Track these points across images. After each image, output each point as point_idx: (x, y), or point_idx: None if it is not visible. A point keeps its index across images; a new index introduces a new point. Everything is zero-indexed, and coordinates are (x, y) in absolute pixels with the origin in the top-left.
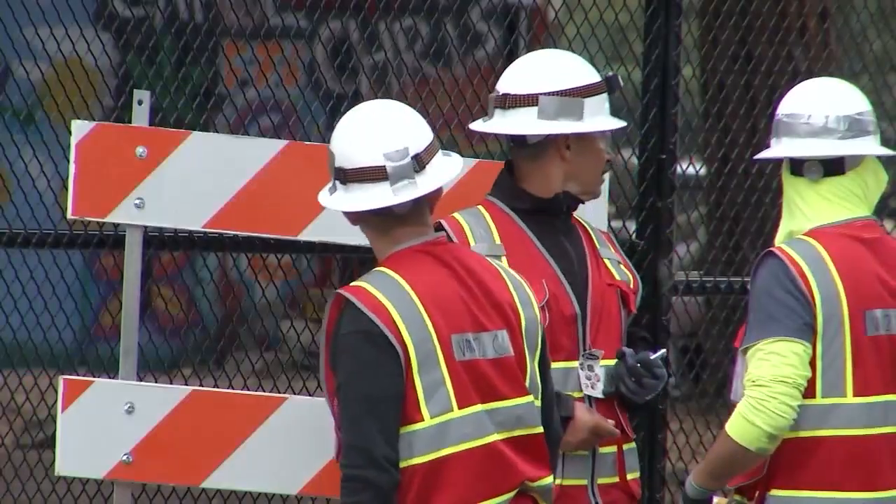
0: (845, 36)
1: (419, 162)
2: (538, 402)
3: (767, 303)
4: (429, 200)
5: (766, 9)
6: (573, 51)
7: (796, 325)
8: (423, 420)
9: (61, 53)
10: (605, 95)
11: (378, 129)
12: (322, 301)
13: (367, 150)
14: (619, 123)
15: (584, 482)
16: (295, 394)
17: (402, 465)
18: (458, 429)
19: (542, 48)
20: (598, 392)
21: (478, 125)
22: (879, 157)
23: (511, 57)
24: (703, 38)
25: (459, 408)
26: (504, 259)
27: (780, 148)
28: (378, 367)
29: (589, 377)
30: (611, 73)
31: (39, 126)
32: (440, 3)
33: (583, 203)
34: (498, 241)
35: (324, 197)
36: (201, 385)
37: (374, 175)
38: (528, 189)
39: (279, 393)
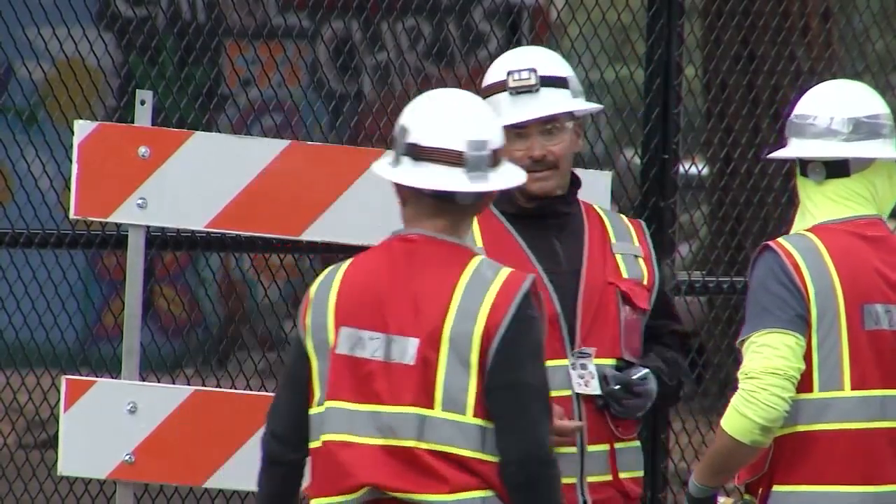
0: (848, 36)
1: (495, 158)
2: (458, 418)
3: (761, 296)
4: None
5: (768, 9)
6: (575, 50)
7: (788, 316)
8: (311, 405)
9: (64, 53)
10: (506, 94)
11: (465, 116)
12: None
13: (450, 132)
14: (516, 119)
15: (574, 480)
16: None
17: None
18: (320, 421)
19: (544, 48)
20: (592, 389)
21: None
22: None
23: None
24: (705, 37)
25: (326, 399)
26: None
27: (788, 149)
28: (294, 346)
29: (582, 375)
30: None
31: (42, 126)
32: (442, 2)
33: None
34: (480, 242)
35: (384, 169)
36: (204, 385)
37: (451, 158)
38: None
39: None
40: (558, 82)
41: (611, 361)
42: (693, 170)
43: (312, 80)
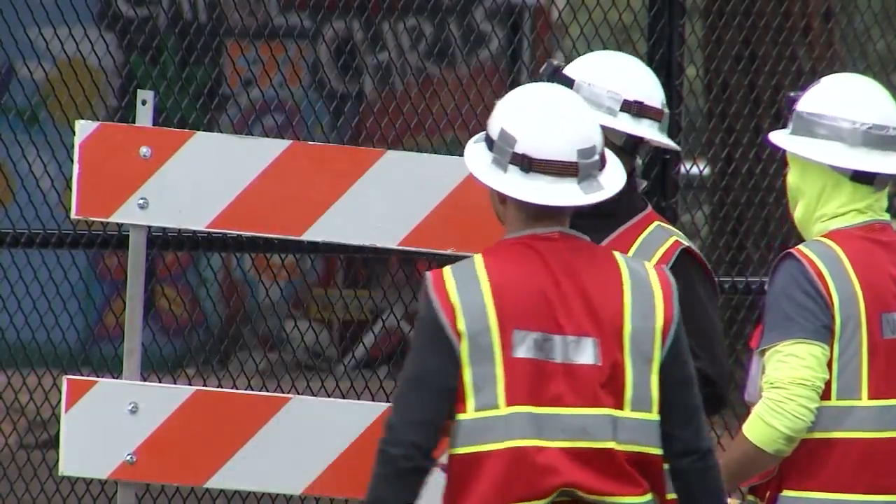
0: (849, 35)
1: (602, 161)
2: (645, 416)
3: (786, 304)
4: None
5: (769, 9)
6: (576, 51)
7: (814, 327)
8: (465, 412)
9: (65, 53)
10: None
11: (572, 121)
12: (326, 301)
13: (561, 143)
14: None
15: None
16: (299, 394)
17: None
18: (497, 426)
19: (546, 48)
20: None
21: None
22: None
23: (514, 57)
24: (706, 38)
25: (507, 405)
26: None
27: (874, 161)
28: (430, 354)
29: None
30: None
31: (43, 126)
32: (444, 2)
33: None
34: None
35: (490, 176)
36: (205, 385)
37: (564, 170)
38: None
39: (283, 393)
40: (566, 82)
41: None
42: (694, 170)
43: (313, 80)
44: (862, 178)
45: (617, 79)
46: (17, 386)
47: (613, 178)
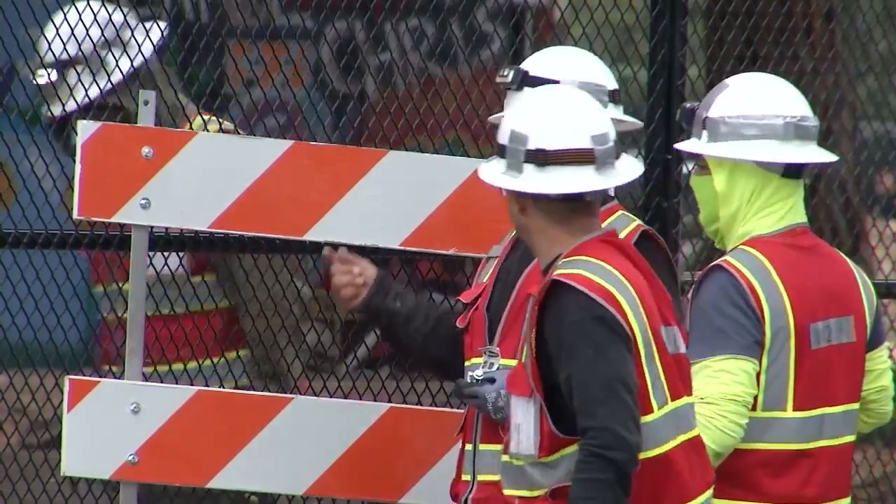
0: (851, 36)
1: (616, 150)
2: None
3: (717, 318)
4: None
5: (771, 9)
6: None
7: (746, 342)
8: (652, 411)
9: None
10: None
11: (582, 112)
12: (328, 301)
13: (574, 132)
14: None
15: (468, 477)
16: (301, 394)
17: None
18: (675, 421)
19: (548, 48)
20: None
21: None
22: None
23: (516, 57)
24: (708, 38)
25: (671, 400)
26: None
27: (804, 152)
28: (619, 353)
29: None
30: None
31: (45, 126)
32: (446, 3)
33: None
34: (503, 244)
35: (506, 179)
36: (207, 385)
37: (581, 158)
38: None
39: (285, 393)
40: (537, 83)
41: (512, 362)
42: None
43: (316, 81)
44: (792, 172)
45: (571, 68)
46: (20, 386)
47: (631, 165)
